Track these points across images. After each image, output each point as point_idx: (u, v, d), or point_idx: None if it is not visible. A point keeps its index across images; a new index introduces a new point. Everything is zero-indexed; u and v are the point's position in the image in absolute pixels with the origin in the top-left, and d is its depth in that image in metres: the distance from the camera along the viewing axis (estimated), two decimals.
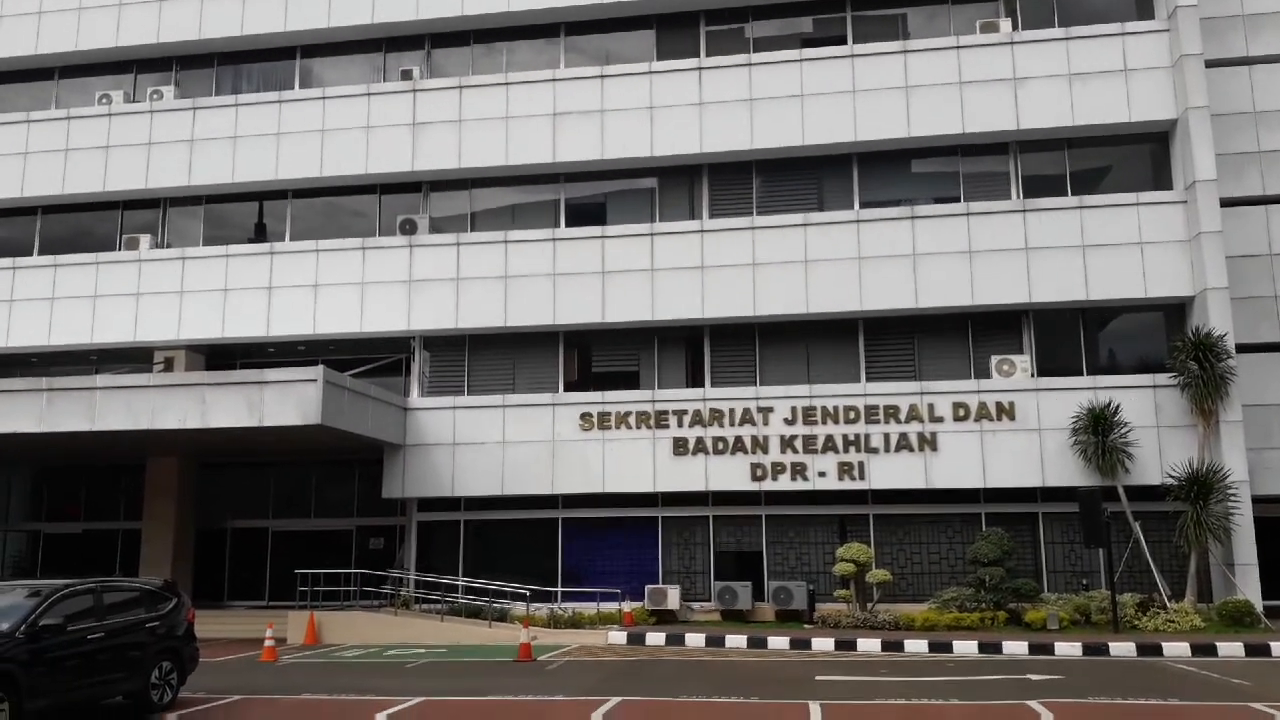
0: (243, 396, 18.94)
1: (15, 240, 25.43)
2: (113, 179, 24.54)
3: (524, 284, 22.71)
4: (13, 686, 9.89)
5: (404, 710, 11.65)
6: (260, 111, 24.22)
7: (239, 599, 24.42)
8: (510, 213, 24.03)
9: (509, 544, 22.57)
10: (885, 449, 21.01)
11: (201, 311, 23.57)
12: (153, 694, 11.73)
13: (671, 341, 22.97)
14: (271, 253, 23.72)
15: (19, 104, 26.01)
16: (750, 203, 22.92)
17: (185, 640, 12.41)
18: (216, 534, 24.89)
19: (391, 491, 22.46)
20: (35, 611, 10.52)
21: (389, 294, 23.09)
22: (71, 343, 24.03)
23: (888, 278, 21.54)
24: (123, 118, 24.75)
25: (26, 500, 26.51)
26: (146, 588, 12.56)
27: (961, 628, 18.73)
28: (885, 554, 21.09)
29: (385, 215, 24.14)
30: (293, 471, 24.91)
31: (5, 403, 19.40)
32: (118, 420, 19.08)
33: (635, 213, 23.36)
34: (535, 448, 22.06)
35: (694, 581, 21.78)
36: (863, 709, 11.49)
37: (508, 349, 23.26)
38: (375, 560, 23.35)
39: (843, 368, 22.07)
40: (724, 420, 21.64)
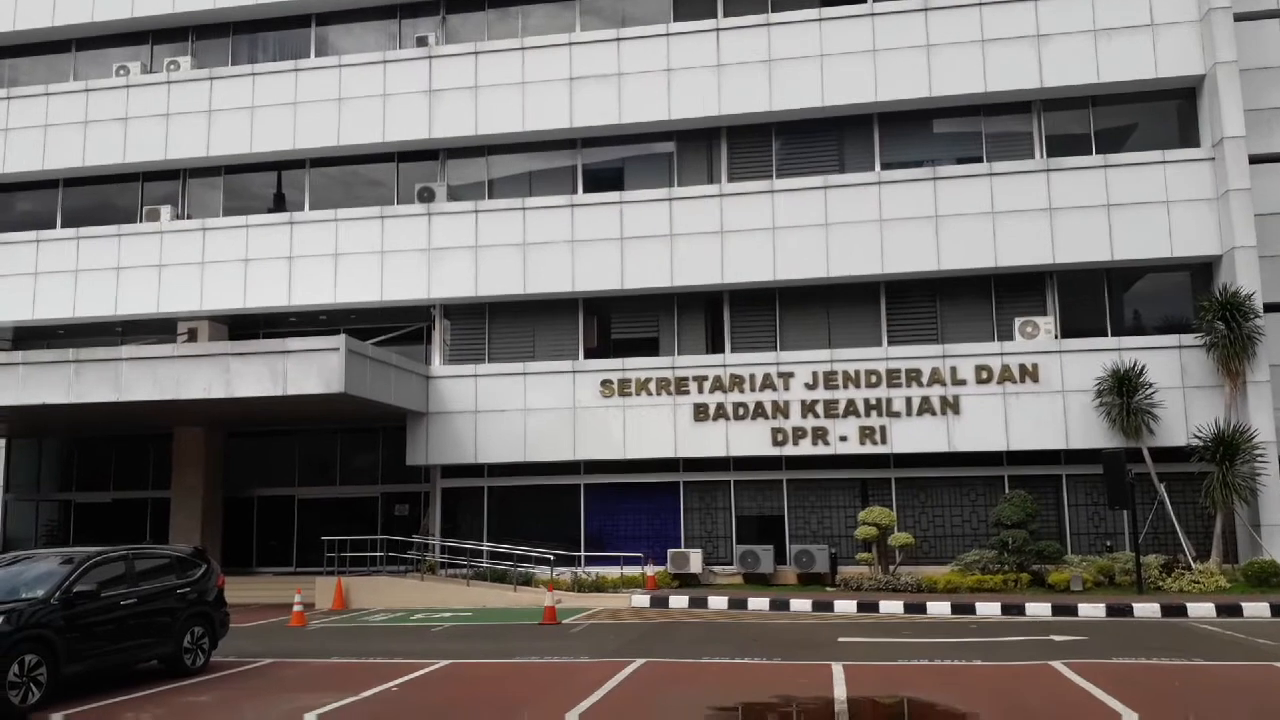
0: (266, 366, 19.09)
1: (39, 213, 25.61)
2: (132, 150, 24.62)
3: (542, 251, 22.68)
4: (49, 651, 10.10)
5: (432, 672, 11.83)
6: (277, 81, 24.18)
7: (267, 566, 24.79)
8: (528, 179, 23.95)
9: (532, 510, 22.75)
10: (907, 413, 20.94)
11: (223, 282, 23.71)
12: (185, 658, 11.95)
13: (691, 307, 22.91)
14: (291, 223, 23.79)
15: (38, 77, 26.09)
16: (770, 166, 22.73)
17: (216, 605, 12.61)
18: (244, 502, 25.23)
19: (415, 459, 22.65)
20: (69, 578, 10.72)
21: (408, 263, 23.13)
22: (96, 314, 24.26)
23: (909, 240, 21.35)
24: (140, 89, 24.78)
25: (58, 470, 26.94)
26: (177, 555, 12.76)
27: (984, 590, 18.76)
28: (907, 517, 21.09)
29: (403, 184, 24.13)
30: (318, 439, 25.16)
31: (35, 374, 19.64)
32: (144, 391, 19.29)
33: (653, 178, 23.22)
34: (556, 415, 22.14)
35: (716, 546, 21.89)
36: (886, 669, 11.55)
37: (527, 316, 23.28)
38: (401, 526, 23.62)
39: (864, 332, 21.97)
40: (744, 386, 21.62)
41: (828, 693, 10.03)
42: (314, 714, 9.40)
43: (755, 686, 10.61)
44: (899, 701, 10.02)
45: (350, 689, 10.63)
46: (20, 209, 25.88)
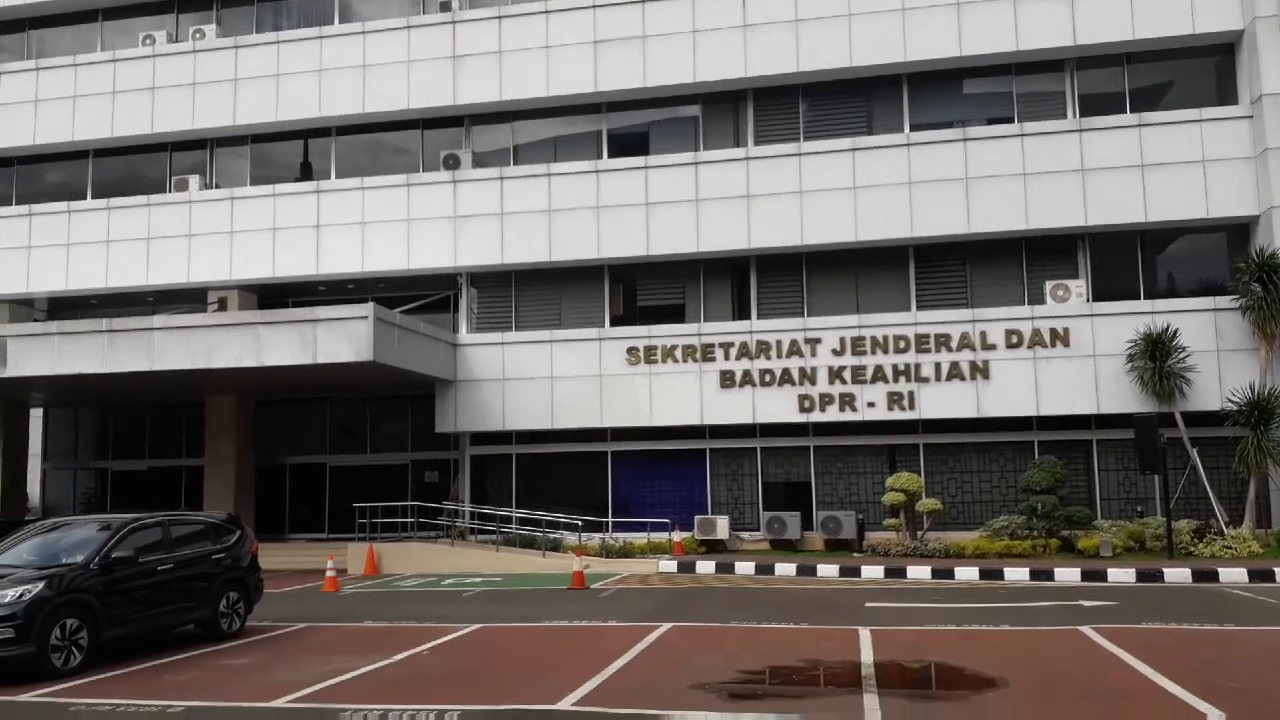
0: (296, 334, 19.26)
1: (70, 184, 25.86)
2: (160, 120, 24.75)
3: (568, 218, 22.62)
4: (89, 615, 10.32)
5: (464, 636, 12.00)
6: (301, 48, 24.15)
7: (299, 532, 25.18)
8: (553, 145, 23.85)
9: (560, 476, 22.89)
10: (936, 378, 20.81)
11: (252, 251, 23.88)
12: (221, 622, 12.17)
13: (717, 273, 22.81)
14: (318, 191, 23.86)
15: (65, 48, 26.22)
16: (797, 128, 22.47)
17: (250, 571, 12.82)
18: (276, 469, 25.58)
19: (444, 426, 22.82)
20: (108, 544, 10.93)
21: (434, 230, 23.16)
22: (128, 285, 24.54)
23: (939, 202, 21.09)
24: (167, 58, 24.84)
25: (94, 439, 27.44)
26: (211, 521, 12.97)
27: (1013, 555, 18.70)
28: (935, 483, 21.03)
29: (428, 151, 24.10)
30: (349, 408, 25.43)
31: (70, 344, 19.94)
32: (176, 360, 19.53)
33: (679, 142, 23.03)
34: (583, 382, 22.19)
35: (742, 512, 21.94)
36: (913, 634, 11.57)
37: (553, 284, 23.28)
38: (430, 493, 23.87)
39: (892, 296, 21.79)
40: (771, 352, 21.54)
41: (855, 657, 10.08)
42: (348, 676, 9.57)
43: (782, 650, 10.67)
44: (926, 666, 10.05)
45: (383, 652, 10.81)
46: (51, 180, 26.14)
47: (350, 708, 8.21)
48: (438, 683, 9.32)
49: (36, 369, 19.99)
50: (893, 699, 8.26)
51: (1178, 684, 8.48)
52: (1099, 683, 8.82)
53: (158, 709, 8.38)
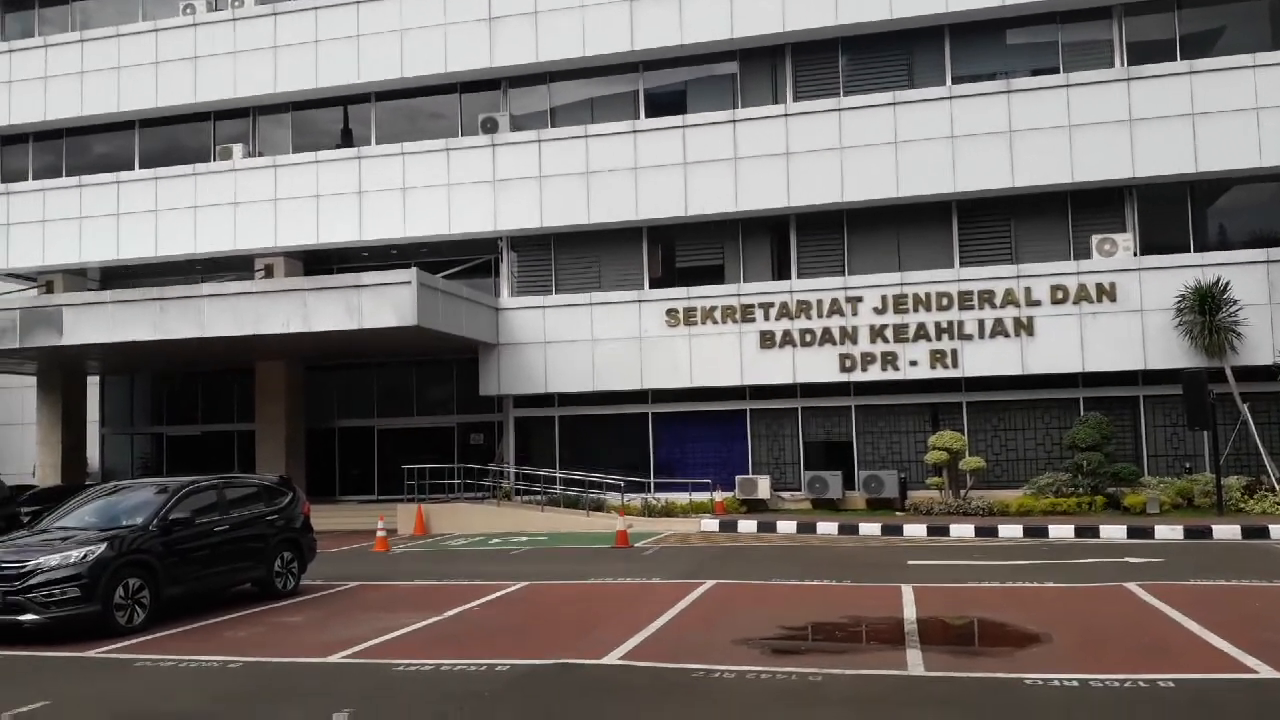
0: (341, 300, 19.55)
1: (118, 155, 26.27)
2: (202, 89, 25.00)
3: (605, 179, 22.59)
4: (150, 575, 10.68)
5: (512, 592, 12.26)
6: (339, 14, 24.18)
7: (350, 494, 25.71)
8: (590, 106, 23.75)
9: (602, 437, 23.09)
10: (979, 335, 20.61)
11: (296, 218, 24.16)
12: (276, 581, 12.52)
13: (756, 232, 22.69)
14: (359, 157, 24.03)
15: (108, 18, 26.50)
16: (836, 83, 22.16)
17: (303, 531, 13.14)
18: (326, 433, 26.09)
19: (488, 389, 23.09)
20: (165, 506, 11.26)
21: (474, 194, 23.26)
22: (177, 253, 24.97)
23: (982, 157, 20.74)
24: (208, 27, 25.03)
25: (149, 405, 28.16)
26: (264, 483, 13.28)
27: (1057, 513, 18.61)
28: (979, 441, 20.92)
29: (466, 115, 24.13)
30: (395, 372, 25.80)
31: (123, 313, 20.42)
32: (225, 326, 19.93)
33: (716, 100, 22.83)
34: (623, 344, 22.29)
35: (784, 472, 22.01)
36: (956, 591, 11.62)
37: (592, 246, 23.32)
38: (476, 455, 24.23)
39: (935, 253, 21.55)
40: (811, 311, 21.46)
41: (897, 613, 10.16)
42: (401, 632, 9.85)
43: (824, 606, 10.79)
44: (969, 622, 10.11)
45: (434, 609, 11.09)
46: (99, 151, 26.58)
47: (404, 662, 8.46)
48: (488, 638, 9.56)
49: (92, 337, 20.51)
50: (936, 654, 8.34)
51: (1225, 639, 8.46)
52: (1145, 638, 8.83)
53: (218, 664, 8.70)
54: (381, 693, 7.53)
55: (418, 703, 7.21)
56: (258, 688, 7.85)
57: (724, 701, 7.06)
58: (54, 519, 11.64)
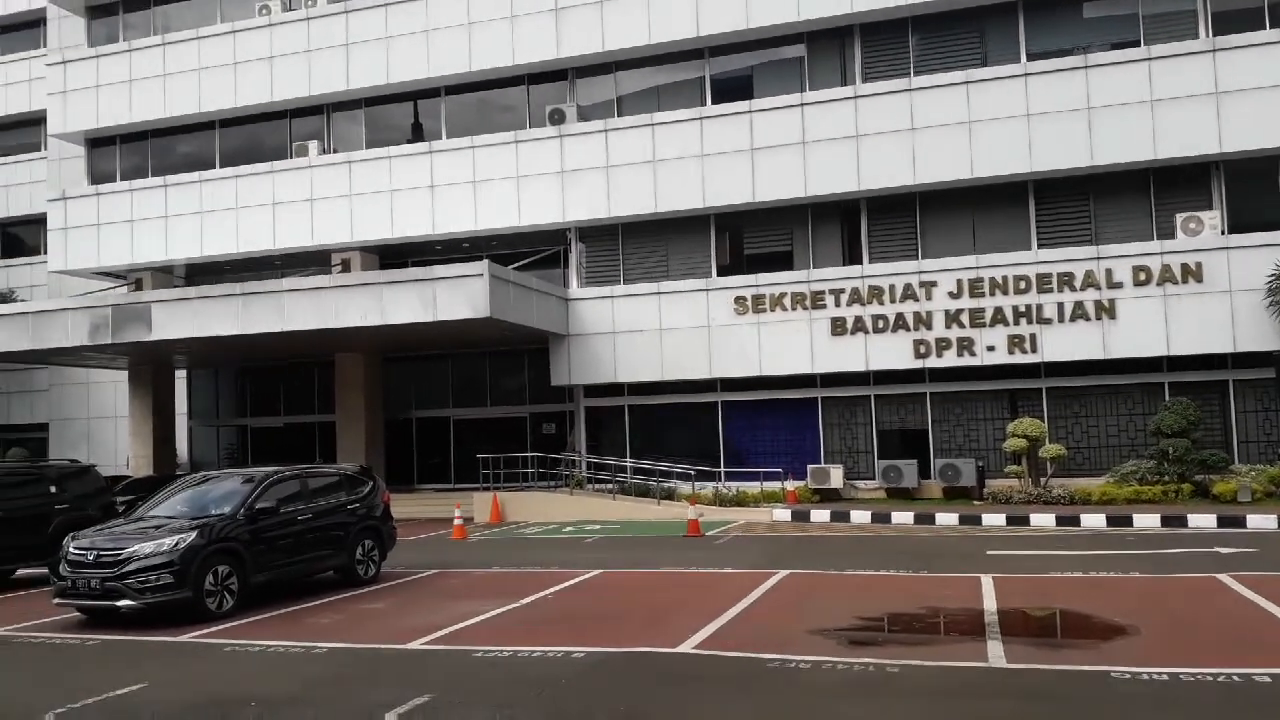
0: (416, 293, 19.90)
1: (200, 155, 27.07)
2: (279, 88, 25.60)
3: (672, 167, 22.54)
4: (238, 562, 11.03)
5: (586, 580, 12.38)
6: (408, 9, 24.52)
7: (427, 483, 26.21)
8: (655, 94, 23.71)
9: (672, 426, 23.13)
10: (1059, 319, 20.09)
11: (370, 213, 24.63)
12: (358, 569, 12.82)
13: (826, 217, 22.42)
14: (430, 152, 24.37)
15: (188, 21, 27.26)
16: (907, 63, 21.75)
17: (383, 520, 13.44)
18: (403, 423, 26.63)
19: (559, 379, 23.29)
20: (251, 496, 11.60)
21: (543, 186, 23.43)
22: (257, 249, 25.67)
23: (1059, 135, 20.18)
24: (282, 27, 25.61)
25: (234, 397, 29.06)
26: (345, 473, 13.58)
27: (1142, 501, 18.08)
28: (1059, 428, 20.42)
29: (534, 107, 24.29)
30: (469, 363, 26.19)
31: (207, 308, 21.10)
32: (305, 320, 20.46)
33: (783, 84, 22.58)
34: (691, 333, 22.27)
35: (857, 461, 21.77)
36: (1037, 582, 11.38)
37: (659, 235, 23.32)
38: (548, 444, 24.48)
39: (1011, 235, 21.05)
40: (884, 297, 21.15)
41: (976, 604, 9.99)
42: (479, 619, 10.02)
43: (901, 597, 10.66)
44: (1051, 613, 9.89)
45: (511, 596, 11.25)
46: (182, 151, 27.41)
47: (482, 648, 8.61)
48: (563, 625, 9.67)
49: (179, 332, 21.24)
50: (1017, 646, 8.18)
51: None
52: (1238, 631, 8.54)
53: (303, 649, 8.95)
54: (461, 678, 7.67)
55: (497, 688, 7.33)
56: (341, 672, 8.07)
57: (800, 692, 7.03)
58: (147, 508, 12.06)
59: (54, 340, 22.39)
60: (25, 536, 13.60)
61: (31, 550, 13.55)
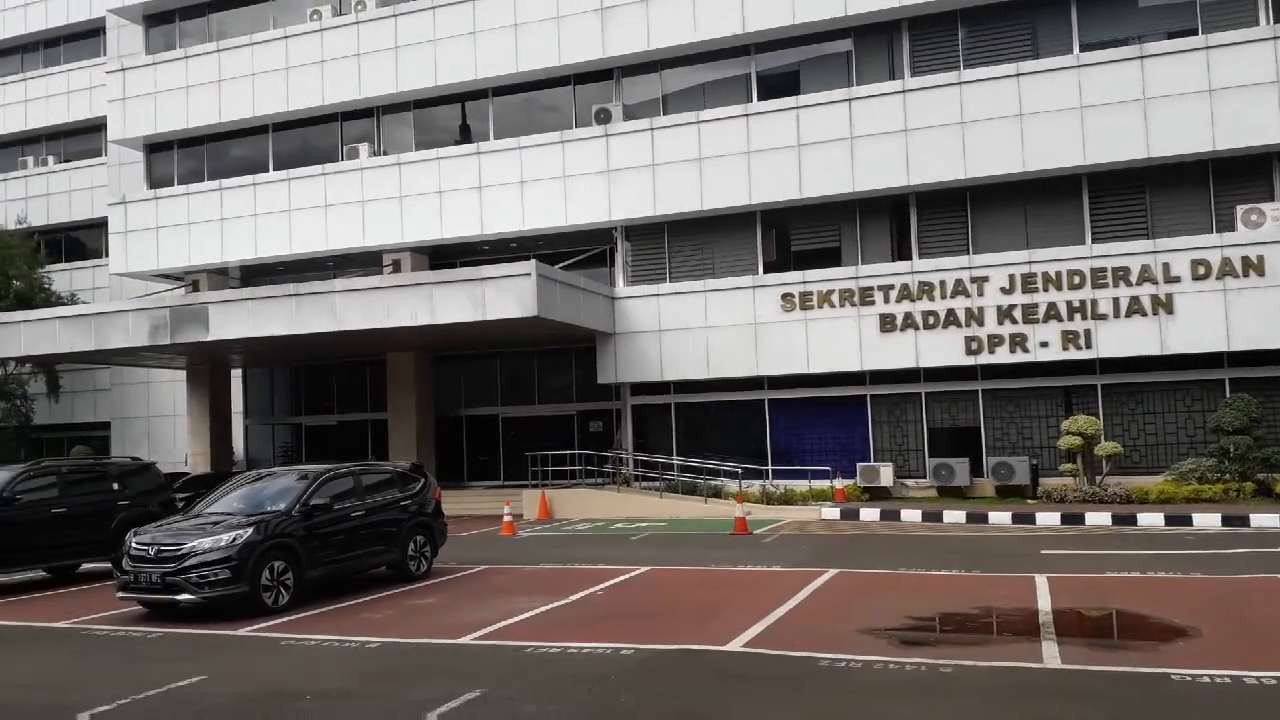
0: (466, 293, 20.10)
1: (253, 158, 27.59)
2: (329, 92, 25.98)
3: (718, 165, 22.49)
4: (293, 558, 11.22)
5: (634, 577, 12.42)
6: (456, 11, 24.73)
7: (476, 480, 26.47)
8: (701, 92, 23.66)
9: (718, 424, 23.09)
10: (1114, 314, 19.70)
11: (420, 214, 24.91)
12: (410, 564, 12.98)
13: (874, 213, 22.21)
14: (478, 153, 24.58)
15: (242, 28, 27.80)
16: (956, 56, 21.46)
17: (434, 516, 13.59)
18: (453, 421, 26.92)
19: (605, 377, 23.37)
20: (306, 492, 11.78)
21: (589, 185, 23.51)
22: (309, 250, 26.08)
23: (1114, 126, 19.77)
24: (333, 31, 25.99)
25: (288, 396, 29.60)
26: (398, 470, 13.78)
27: (1201, 501, 17.68)
28: (1115, 425, 20.02)
29: (580, 106, 24.37)
30: (517, 361, 26.40)
31: (262, 309, 21.51)
32: (357, 320, 20.77)
33: (830, 79, 22.41)
34: (738, 331, 22.20)
35: (907, 459, 21.55)
36: (1093, 581, 11.18)
37: (705, 233, 23.28)
38: (594, 442, 24.59)
39: (1065, 229, 20.68)
40: (934, 293, 20.91)
41: (1031, 604, 9.84)
42: (529, 615, 10.11)
43: (953, 597, 10.54)
44: (1108, 614, 9.72)
45: (560, 592, 11.33)
46: (236, 155, 27.96)
47: (532, 644, 8.68)
48: (612, 621, 9.72)
49: (234, 332, 21.68)
50: (1073, 647, 8.05)
51: None
52: None
53: (357, 644, 9.09)
54: (511, 673, 7.74)
55: (547, 684, 7.39)
56: (394, 667, 8.18)
57: (852, 691, 6.99)
58: (205, 505, 12.32)
59: (115, 341, 23.00)
60: (89, 532, 13.98)
61: (95, 545, 13.92)
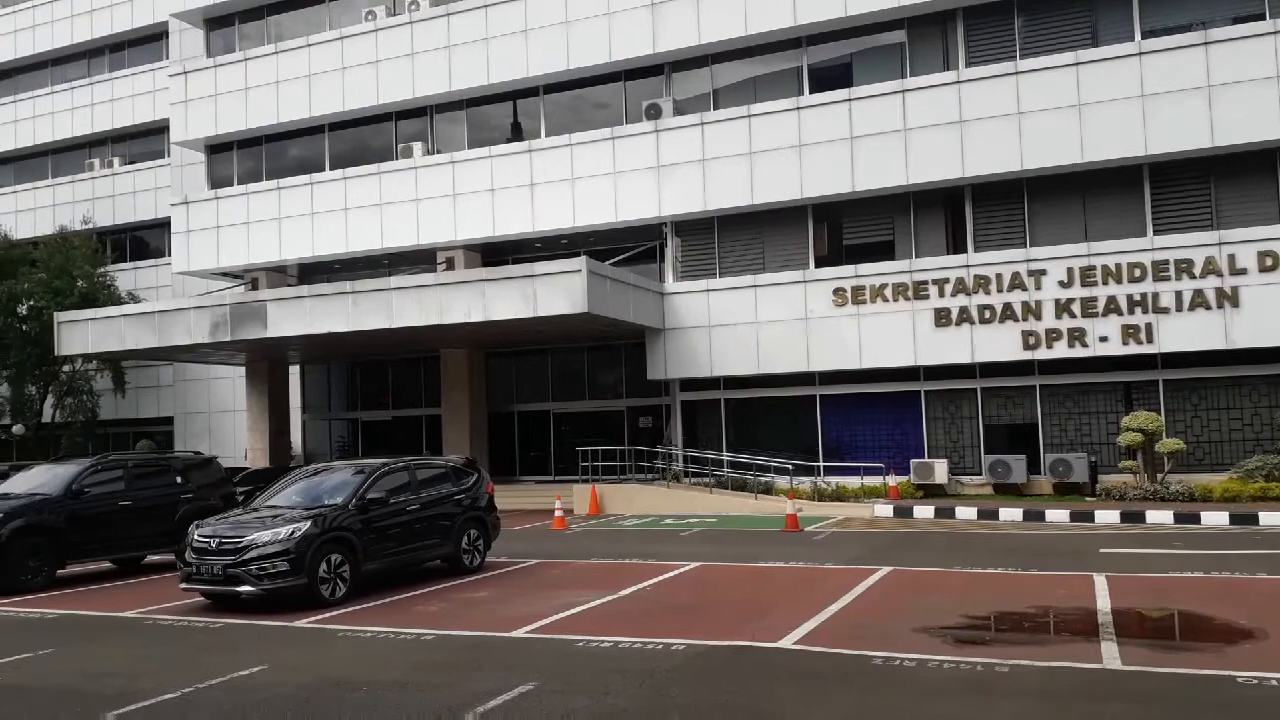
0: (517, 290, 20.27)
1: (310, 158, 28.07)
2: (384, 92, 26.32)
3: (768, 159, 22.36)
4: (350, 551, 11.40)
5: (685, 573, 12.43)
6: (507, 10, 24.89)
7: (528, 474, 26.68)
8: (752, 86, 23.54)
9: (768, 420, 22.99)
10: (1177, 308, 19.23)
11: (473, 212, 25.14)
12: (464, 558, 13.13)
13: (928, 206, 21.92)
14: (530, 151, 24.73)
15: (299, 30, 28.28)
16: (1012, 45, 21.09)
17: (487, 510, 13.73)
18: (505, 416, 27.17)
19: (655, 373, 23.39)
20: (363, 487, 11.97)
21: (639, 181, 23.53)
22: (365, 249, 26.47)
23: (1177, 115, 19.28)
24: (387, 32, 26.32)
25: (344, 392, 30.11)
26: (451, 465, 13.94)
27: (1269, 499, 17.20)
28: (1177, 422, 19.54)
29: (631, 102, 24.40)
30: (568, 358, 26.55)
31: (319, 306, 21.90)
32: (412, 317, 21.06)
33: (883, 71, 22.16)
34: (788, 326, 22.07)
35: (962, 455, 21.26)
36: (1155, 581, 10.94)
37: (756, 228, 23.17)
38: (644, 437, 24.64)
39: (1125, 221, 20.22)
40: (990, 287, 20.58)
41: (1090, 603, 9.66)
42: (581, 609, 10.17)
43: (1009, 596, 10.38)
44: (1170, 614, 9.50)
45: (611, 587, 11.39)
46: (293, 155, 28.47)
47: (584, 638, 8.73)
48: (663, 617, 9.73)
49: (292, 329, 22.11)
50: (1134, 648, 7.89)
51: None
52: None
53: (412, 636, 9.23)
54: (563, 667, 7.80)
55: (598, 678, 7.43)
56: (447, 659, 8.29)
57: (906, 690, 6.93)
58: (264, 498, 12.58)
59: (177, 338, 23.59)
60: (154, 524, 14.37)
61: (160, 537, 14.31)
